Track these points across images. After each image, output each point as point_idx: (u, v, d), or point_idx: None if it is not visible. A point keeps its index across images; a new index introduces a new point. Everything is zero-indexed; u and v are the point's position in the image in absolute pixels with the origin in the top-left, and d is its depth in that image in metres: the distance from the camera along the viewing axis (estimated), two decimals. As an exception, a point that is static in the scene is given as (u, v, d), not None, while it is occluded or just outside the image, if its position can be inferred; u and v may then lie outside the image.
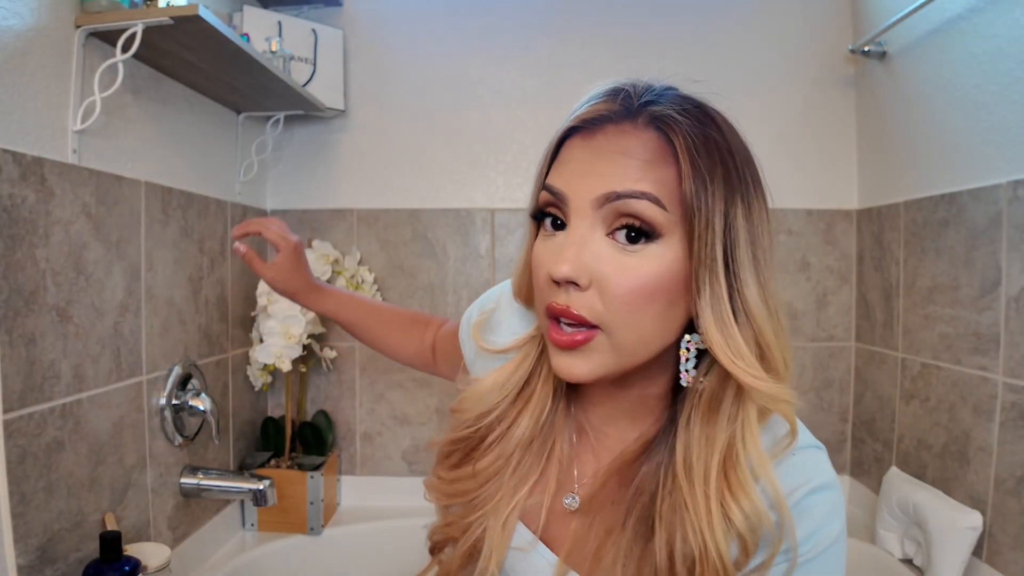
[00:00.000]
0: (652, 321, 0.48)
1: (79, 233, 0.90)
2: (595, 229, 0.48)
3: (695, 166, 0.47)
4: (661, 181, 0.47)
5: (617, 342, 0.48)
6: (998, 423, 1.06)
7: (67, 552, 0.86)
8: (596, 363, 0.49)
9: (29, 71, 0.82)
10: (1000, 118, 1.06)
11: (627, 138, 0.49)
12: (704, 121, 0.50)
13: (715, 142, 0.49)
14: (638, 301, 0.47)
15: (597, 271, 0.47)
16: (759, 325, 0.47)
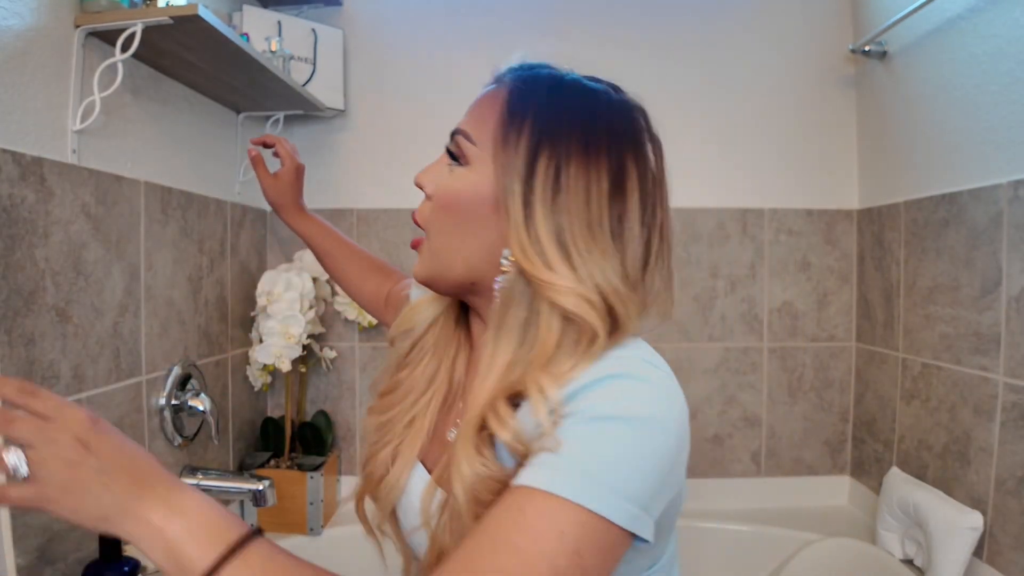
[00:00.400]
0: (457, 231, 0.57)
1: (79, 233, 0.90)
2: (444, 156, 0.61)
3: (509, 114, 0.55)
4: (481, 122, 0.57)
5: (432, 246, 0.59)
6: (999, 423, 1.06)
7: (67, 552, 0.86)
8: (424, 264, 0.60)
9: (29, 71, 0.82)
10: (1000, 118, 1.06)
11: (486, 95, 0.60)
12: (531, 82, 0.58)
13: (534, 100, 0.56)
14: (446, 209, 0.57)
15: (430, 182, 0.60)
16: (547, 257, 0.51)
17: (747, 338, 1.55)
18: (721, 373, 1.56)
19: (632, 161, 0.55)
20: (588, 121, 0.56)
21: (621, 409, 0.47)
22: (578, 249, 0.51)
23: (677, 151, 1.75)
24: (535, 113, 0.55)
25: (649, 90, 1.78)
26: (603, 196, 0.53)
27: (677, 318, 1.55)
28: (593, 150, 0.54)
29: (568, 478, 0.44)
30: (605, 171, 0.53)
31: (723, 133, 1.55)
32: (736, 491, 1.55)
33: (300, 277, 1.34)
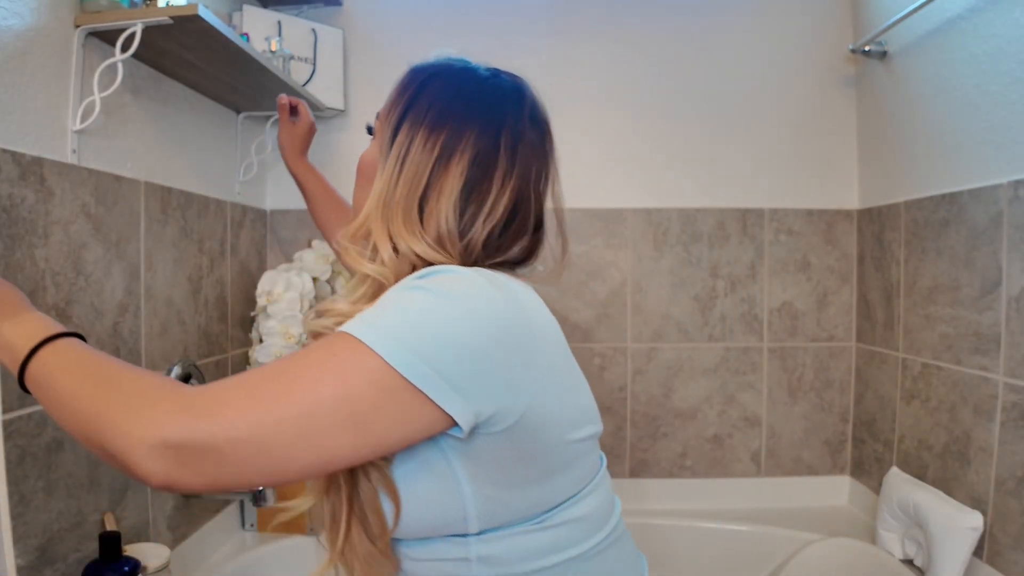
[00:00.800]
0: (360, 194, 0.67)
1: (78, 233, 0.90)
2: None
3: (392, 98, 0.65)
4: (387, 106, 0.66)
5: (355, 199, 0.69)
6: (999, 423, 1.06)
7: (67, 552, 0.86)
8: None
9: (29, 71, 0.82)
10: (1000, 118, 1.06)
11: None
12: (418, 71, 0.66)
13: (412, 87, 0.64)
14: (357, 173, 0.69)
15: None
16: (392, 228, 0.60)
17: (747, 338, 1.55)
18: (721, 373, 1.56)
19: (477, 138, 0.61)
20: (439, 109, 0.62)
21: (430, 283, 0.53)
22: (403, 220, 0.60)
23: (677, 151, 1.75)
24: (408, 98, 0.64)
25: (649, 90, 1.78)
26: (429, 168, 0.60)
27: (677, 318, 1.55)
28: (429, 138, 0.61)
29: (367, 327, 0.50)
30: (440, 146, 0.61)
31: (723, 133, 1.55)
32: (736, 491, 1.55)
33: (300, 277, 1.34)
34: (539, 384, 0.55)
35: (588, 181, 1.54)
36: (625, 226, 1.55)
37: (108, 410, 0.48)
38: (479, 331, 0.51)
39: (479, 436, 0.53)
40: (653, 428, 1.56)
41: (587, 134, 1.54)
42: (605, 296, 1.56)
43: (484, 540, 0.58)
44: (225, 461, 0.47)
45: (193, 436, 0.46)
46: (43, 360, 0.53)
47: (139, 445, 0.46)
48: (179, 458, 0.46)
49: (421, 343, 0.49)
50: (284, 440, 0.47)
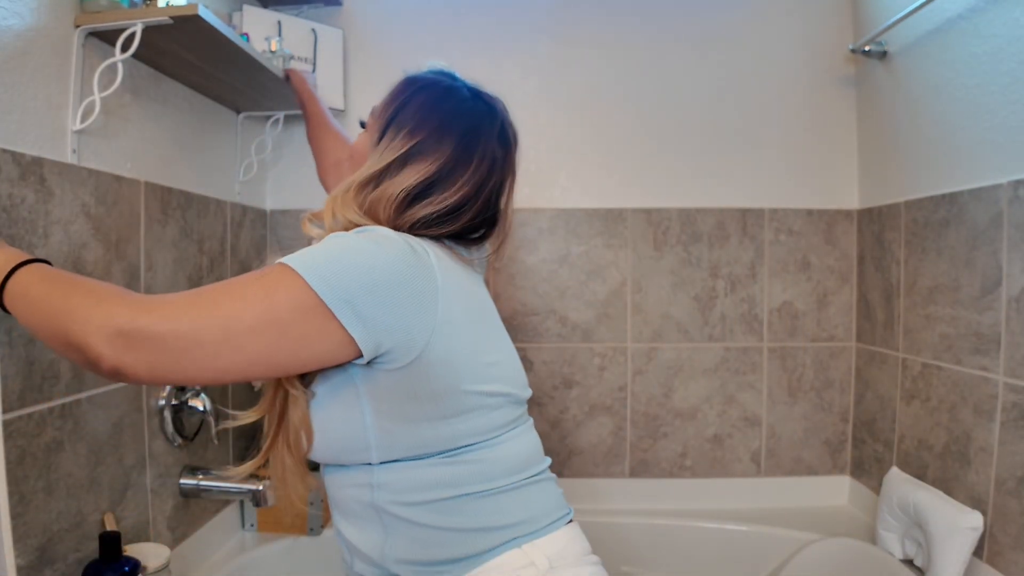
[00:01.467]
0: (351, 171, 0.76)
1: (78, 233, 0.90)
2: None
3: (379, 108, 0.77)
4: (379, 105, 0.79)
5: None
6: (999, 423, 1.06)
7: (66, 552, 0.86)
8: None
9: (29, 71, 0.82)
10: (1001, 118, 1.06)
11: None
12: (410, 81, 0.79)
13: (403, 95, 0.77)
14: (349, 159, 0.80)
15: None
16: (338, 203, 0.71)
17: (747, 338, 1.55)
18: (721, 373, 1.56)
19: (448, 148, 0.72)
20: (418, 119, 0.73)
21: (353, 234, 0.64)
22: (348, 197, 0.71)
23: (677, 151, 1.75)
24: (395, 108, 0.75)
25: (649, 90, 1.78)
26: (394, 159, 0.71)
27: (677, 318, 1.55)
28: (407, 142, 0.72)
29: (295, 258, 0.61)
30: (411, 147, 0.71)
31: (723, 132, 1.55)
32: (736, 491, 1.55)
33: (300, 277, 1.34)
34: (437, 333, 0.64)
35: (588, 181, 1.54)
36: (625, 226, 1.55)
37: (72, 306, 0.58)
38: (385, 274, 0.61)
39: (381, 371, 0.64)
40: (653, 428, 1.56)
41: (587, 134, 1.54)
42: (605, 296, 1.56)
43: (384, 469, 0.68)
44: (165, 349, 0.56)
45: (139, 325, 0.56)
46: (18, 280, 0.62)
47: (95, 332, 0.56)
48: (127, 343, 0.56)
49: (337, 276, 0.59)
50: (215, 336, 0.57)
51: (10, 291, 0.62)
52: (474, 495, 0.69)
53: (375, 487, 0.69)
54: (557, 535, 0.73)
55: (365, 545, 0.72)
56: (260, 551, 1.29)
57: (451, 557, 0.69)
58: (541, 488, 0.75)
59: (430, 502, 0.69)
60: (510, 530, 0.70)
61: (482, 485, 0.70)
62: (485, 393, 0.70)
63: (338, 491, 0.73)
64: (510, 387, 0.73)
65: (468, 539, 0.69)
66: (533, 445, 0.78)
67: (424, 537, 0.69)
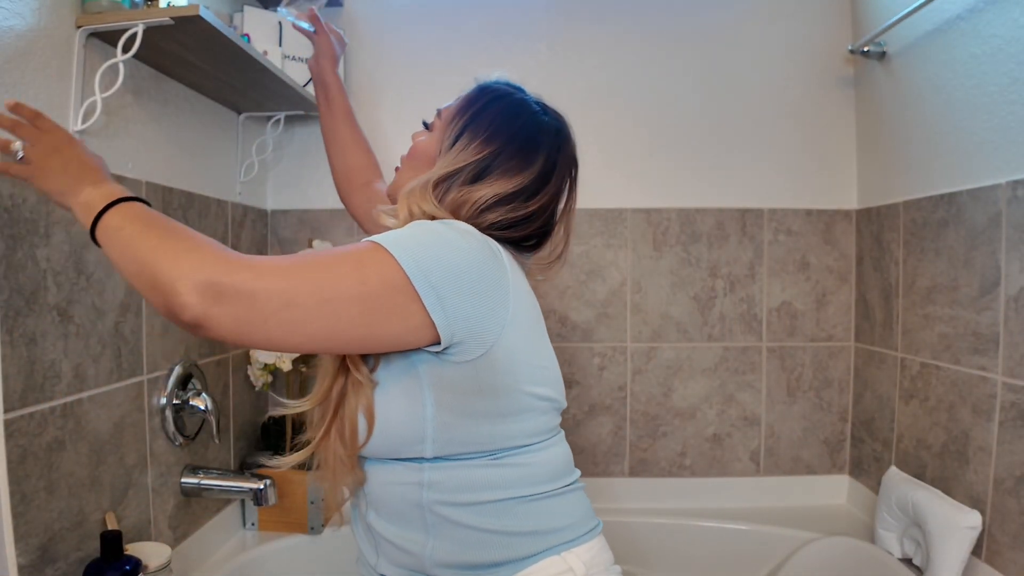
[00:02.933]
0: (408, 172, 0.80)
1: (80, 233, 0.90)
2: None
3: (455, 112, 0.79)
4: (448, 109, 0.80)
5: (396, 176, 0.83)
6: (997, 423, 1.06)
7: (68, 551, 0.87)
8: (390, 185, 0.84)
9: (30, 71, 0.82)
10: (999, 118, 1.07)
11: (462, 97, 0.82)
12: (483, 91, 0.80)
13: (478, 103, 0.78)
14: (409, 155, 0.82)
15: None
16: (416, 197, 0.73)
17: (746, 338, 1.56)
18: (720, 373, 1.56)
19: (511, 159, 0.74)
20: (495, 127, 0.76)
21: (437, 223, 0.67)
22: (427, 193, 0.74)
23: (677, 151, 1.75)
24: (472, 113, 0.77)
25: (648, 90, 1.79)
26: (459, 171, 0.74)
27: (677, 318, 1.56)
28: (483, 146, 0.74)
29: (386, 238, 0.63)
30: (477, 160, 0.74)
31: (722, 133, 1.55)
32: (735, 490, 1.55)
33: (300, 277, 1.34)
34: (506, 329, 0.66)
35: (588, 181, 1.53)
36: (625, 226, 1.55)
37: (165, 249, 0.57)
38: (468, 265, 0.64)
39: (448, 363, 0.65)
40: (653, 427, 1.57)
41: (587, 134, 1.53)
42: (605, 296, 1.56)
43: (436, 467, 0.69)
44: (256, 306, 0.56)
45: (235, 279, 0.56)
46: (114, 214, 0.63)
47: (185, 278, 0.55)
48: (217, 296, 0.55)
49: (425, 259, 0.61)
50: (307, 300, 0.57)
51: (105, 224, 0.63)
52: (519, 499, 0.70)
53: (425, 486, 0.69)
54: (592, 543, 0.74)
55: (406, 545, 0.71)
56: (261, 550, 1.29)
57: (493, 561, 0.70)
58: (578, 497, 0.77)
59: (477, 504, 0.69)
60: (552, 536, 0.72)
61: (527, 489, 0.71)
62: (537, 396, 0.72)
63: (382, 488, 0.72)
64: (556, 393, 0.75)
65: (512, 543, 0.70)
66: (569, 454, 0.79)
67: (468, 539, 0.69)
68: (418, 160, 0.80)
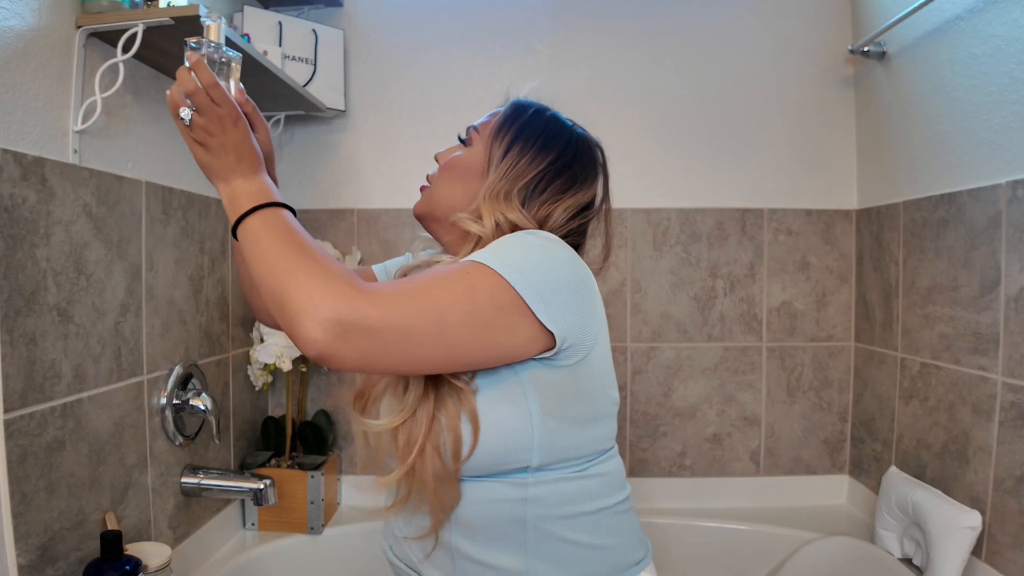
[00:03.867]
0: (448, 184, 0.81)
1: (80, 233, 0.90)
2: (458, 144, 0.85)
3: (503, 119, 0.81)
4: (484, 125, 0.83)
5: (432, 192, 0.83)
6: (997, 423, 1.06)
7: (68, 551, 0.87)
8: (421, 203, 0.84)
9: (30, 71, 0.82)
10: (999, 118, 1.07)
11: (495, 111, 0.84)
12: (522, 107, 0.83)
13: (521, 118, 0.81)
14: (449, 170, 0.82)
15: (445, 157, 0.84)
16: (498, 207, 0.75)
17: (746, 338, 1.56)
18: (720, 372, 1.56)
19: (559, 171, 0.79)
20: (544, 139, 0.80)
21: (531, 234, 0.69)
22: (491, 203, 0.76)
23: (677, 151, 1.75)
24: (518, 127, 0.80)
25: (648, 90, 1.78)
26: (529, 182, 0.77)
27: (677, 318, 1.56)
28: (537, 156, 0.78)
29: (491, 257, 0.64)
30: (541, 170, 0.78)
31: (722, 133, 1.55)
32: (735, 490, 1.55)
33: (300, 277, 1.34)
34: (600, 334, 0.69)
35: (588, 181, 1.54)
36: (625, 226, 1.55)
37: (299, 277, 0.58)
38: (568, 273, 0.66)
39: (551, 367, 0.66)
40: (652, 427, 1.57)
41: (587, 134, 1.54)
42: (605, 296, 1.55)
43: (539, 480, 0.68)
44: (380, 340, 0.58)
45: (361, 316, 0.57)
46: (256, 220, 0.63)
47: (315, 314, 0.56)
48: (344, 334, 0.56)
49: (530, 272, 0.63)
50: (427, 329, 0.60)
51: (246, 228, 0.63)
52: (606, 511, 0.72)
53: (529, 501, 0.68)
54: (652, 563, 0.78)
55: (501, 563, 0.69)
56: (261, 550, 1.29)
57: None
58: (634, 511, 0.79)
59: (576, 516, 0.70)
60: (638, 550, 0.75)
61: (610, 499, 0.73)
62: (612, 399, 0.74)
63: (478, 507, 0.69)
64: (618, 398, 0.77)
65: (606, 557, 0.71)
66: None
67: (569, 556, 0.69)
68: (462, 172, 0.80)
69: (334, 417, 1.53)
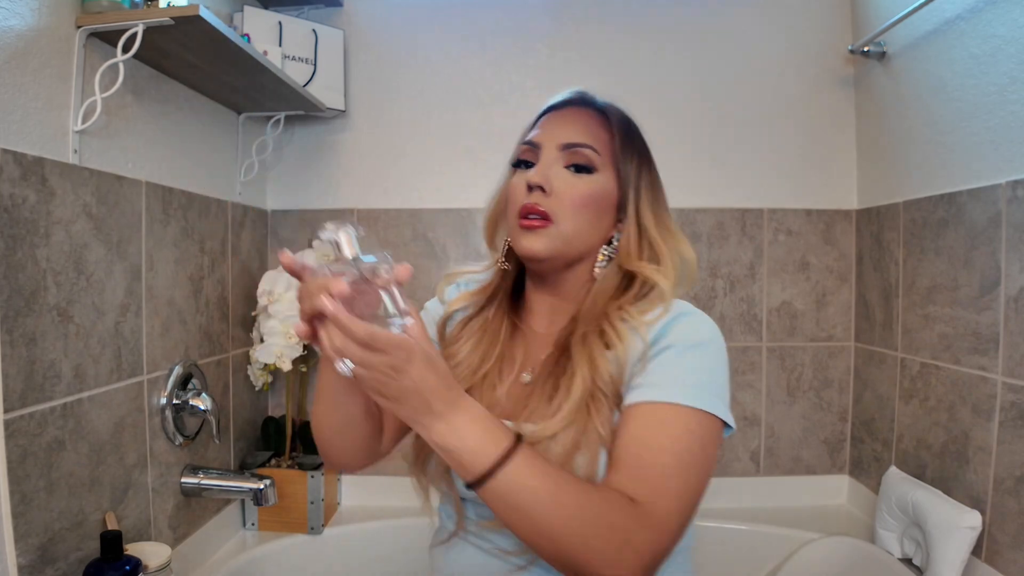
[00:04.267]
0: (585, 222, 0.73)
1: (80, 233, 0.90)
2: (557, 162, 0.74)
3: (623, 136, 0.76)
4: (599, 140, 0.75)
5: (561, 231, 0.73)
6: (997, 423, 1.06)
7: (68, 552, 0.87)
8: (547, 242, 0.72)
9: (30, 71, 0.82)
10: (999, 118, 1.07)
11: (582, 115, 0.77)
12: (626, 119, 0.80)
13: (632, 129, 0.79)
14: (577, 205, 0.73)
15: (556, 184, 0.73)
16: (652, 238, 0.75)
17: (746, 338, 1.56)
18: (720, 373, 1.56)
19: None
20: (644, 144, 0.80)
21: (701, 335, 0.70)
22: (663, 238, 0.75)
23: (676, 151, 1.75)
24: (639, 141, 0.78)
25: (648, 90, 1.78)
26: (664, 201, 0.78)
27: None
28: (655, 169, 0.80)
29: (687, 391, 0.64)
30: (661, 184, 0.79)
31: (722, 133, 1.55)
32: (735, 490, 1.55)
33: (300, 277, 1.34)
34: None
35: (588, 181, 1.54)
36: (625, 226, 1.55)
37: (587, 538, 0.56)
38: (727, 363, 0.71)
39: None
40: (653, 428, 1.57)
41: (587, 134, 1.54)
42: (605, 296, 1.56)
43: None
44: (671, 548, 0.61)
45: (660, 549, 0.59)
46: (508, 473, 0.56)
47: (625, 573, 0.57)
48: (649, 571, 0.59)
49: (723, 390, 0.68)
50: (688, 510, 0.64)
51: (496, 485, 0.56)
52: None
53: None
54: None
55: None
56: (261, 550, 1.29)
57: None
58: None
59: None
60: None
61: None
62: None
63: None
64: None
65: None
66: None
67: None
68: (599, 206, 0.74)
69: (334, 417, 1.53)
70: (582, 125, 0.75)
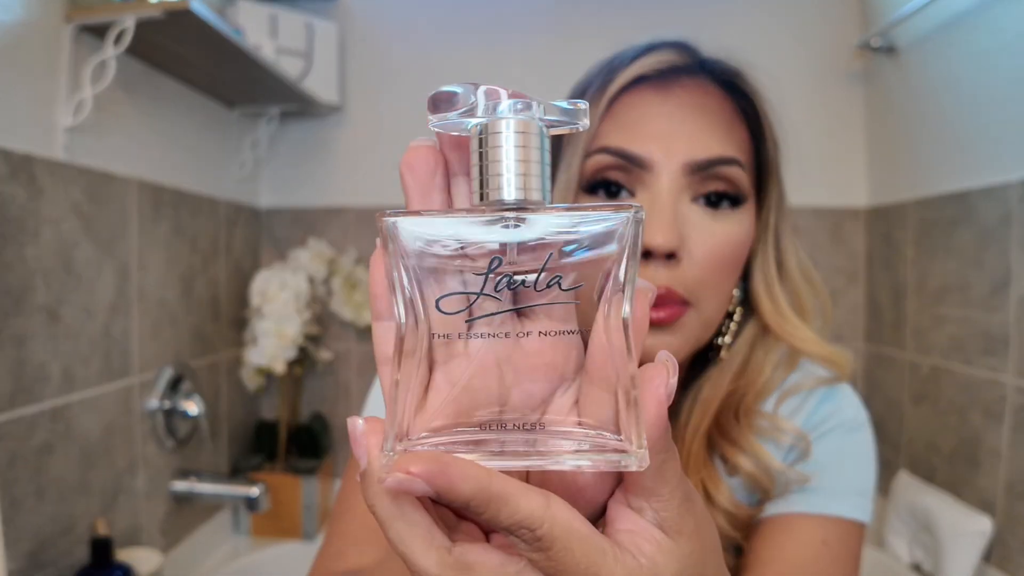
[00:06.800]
0: (724, 287, 0.46)
1: (69, 232, 0.88)
2: (682, 194, 0.43)
3: (766, 136, 0.46)
4: (741, 145, 0.45)
5: (705, 316, 0.45)
6: (1008, 426, 1.04)
7: (57, 557, 0.85)
8: (685, 338, 0.45)
9: (18, 66, 0.80)
10: (1011, 114, 1.04)
11: (707, 96, 0.46)
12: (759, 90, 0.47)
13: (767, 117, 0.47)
14: (725, 269, 0.45)
15: (693, 242, 0.43)
16: (796, 286, 0.51)
17: (751, 338, 1.53)
18: (724, 374, 1.54)
19: None
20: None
21: (859, 416, 0.52)
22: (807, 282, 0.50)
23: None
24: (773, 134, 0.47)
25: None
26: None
27: (680, 318, 1.53)
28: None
29: (848, 499, 0.48)
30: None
31: (727, 130, 1.53)
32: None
33: (295, 277, 1.32)
34: None
35: (590, 179, 1.52)
36: (627, 225, 1.53)
37: None
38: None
39: None
40: (655, 429, 1.55)
41: (589, 131, 1.52)
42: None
43: None
44: None
45: None
46: None
47: None
48: None
49: (871, 487, 0.51)
50: None
51: None
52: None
53: None
54: None
55: None
56: (254, 556, 1.27)
57: None
58: None
59: None
60: None
61: None
62: None
63: None
64: None
65: None
66: None
67: None
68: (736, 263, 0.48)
69: (329, 421, 1.51)
70: (713, 117, 0.46)
